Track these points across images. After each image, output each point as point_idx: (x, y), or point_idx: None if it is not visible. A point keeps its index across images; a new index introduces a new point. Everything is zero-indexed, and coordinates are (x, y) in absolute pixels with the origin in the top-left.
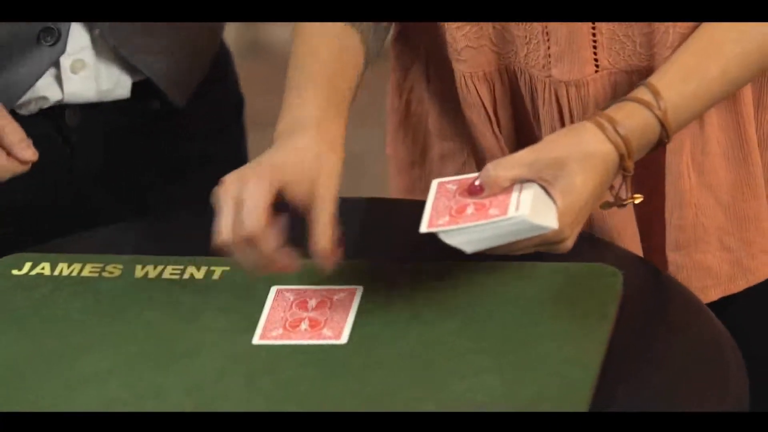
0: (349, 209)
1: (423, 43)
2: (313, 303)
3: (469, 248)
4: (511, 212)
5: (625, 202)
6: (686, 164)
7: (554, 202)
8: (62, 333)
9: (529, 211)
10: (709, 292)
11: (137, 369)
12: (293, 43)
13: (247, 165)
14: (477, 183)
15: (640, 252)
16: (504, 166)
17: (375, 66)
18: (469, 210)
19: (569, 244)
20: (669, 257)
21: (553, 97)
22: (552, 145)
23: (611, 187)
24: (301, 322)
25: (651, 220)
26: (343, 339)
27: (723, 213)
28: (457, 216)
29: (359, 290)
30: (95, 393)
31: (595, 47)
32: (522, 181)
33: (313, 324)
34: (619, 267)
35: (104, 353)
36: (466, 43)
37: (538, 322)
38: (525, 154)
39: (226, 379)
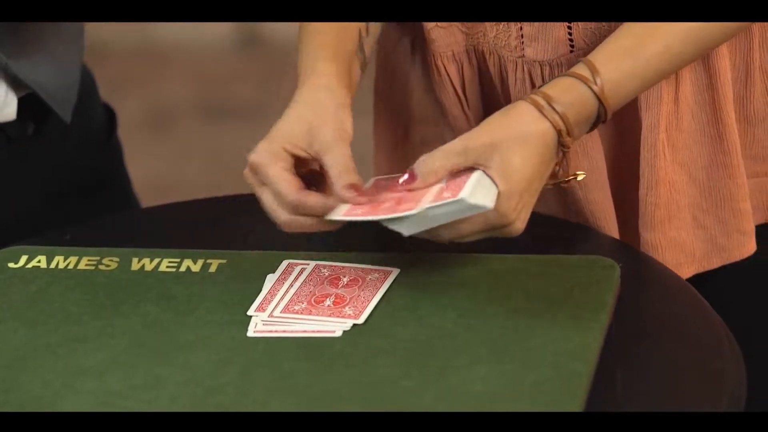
0: None
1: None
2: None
3: (406, 231)
4: (426, 203)
5: (567, 179)
6: (662, 141)
7: (495, 185)
8: (58, 326)
9: (469, 191)
10: (683, 270)
11: (134, 361)
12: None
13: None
14: (413, 172)
15: (616, 230)
16: (438, 157)
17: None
18: (387, 205)
19: (519, 226)
20: (643, 236)
21: (527, 78)
22: (484, 130)
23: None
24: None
25: (625, 198)
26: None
27: (697, 190)
28: (375, 207)
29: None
30: (92, 385)
31: (569, 27)
32: (460, 170)
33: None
34: (615, 259)
35: (100, 346)
36: (435, 23)
37: (536, 314)
38: (456, 143)
39: (223, 371)
